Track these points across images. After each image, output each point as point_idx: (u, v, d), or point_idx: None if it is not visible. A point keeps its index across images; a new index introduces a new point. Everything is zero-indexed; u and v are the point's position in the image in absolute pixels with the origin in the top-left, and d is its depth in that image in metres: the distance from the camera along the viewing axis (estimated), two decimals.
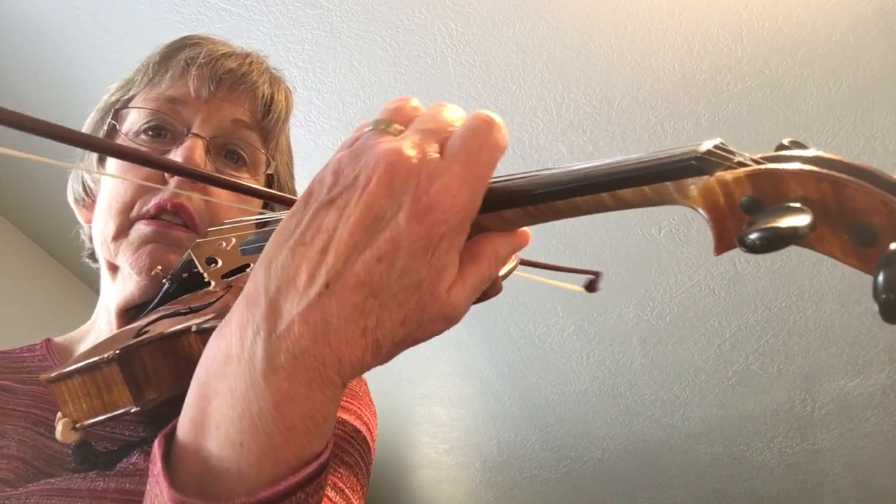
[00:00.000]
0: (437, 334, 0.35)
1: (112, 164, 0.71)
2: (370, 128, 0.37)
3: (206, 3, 1.74)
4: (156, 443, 0.34)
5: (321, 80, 1.90)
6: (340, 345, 0.31)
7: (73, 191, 0.78)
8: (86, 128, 0.76)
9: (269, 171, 0.75)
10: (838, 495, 3.39)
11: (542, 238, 2.24)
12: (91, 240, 0.76)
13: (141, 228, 0.66)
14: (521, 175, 0.38)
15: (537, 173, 0.37)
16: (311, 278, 0.32)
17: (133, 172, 0.67)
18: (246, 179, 0.72)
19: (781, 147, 0.33)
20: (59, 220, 0.81)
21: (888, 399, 2.74)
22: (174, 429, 0.35)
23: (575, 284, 0.64)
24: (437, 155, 0.34)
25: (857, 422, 2.88)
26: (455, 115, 0.37)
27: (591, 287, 0.62)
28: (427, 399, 3.06)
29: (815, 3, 1.63)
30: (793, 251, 2.16)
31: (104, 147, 0.65)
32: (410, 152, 0.33)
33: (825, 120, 1.87)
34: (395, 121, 0.37)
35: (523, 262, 0.66)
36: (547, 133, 1.97)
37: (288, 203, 0.71)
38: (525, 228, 0.39)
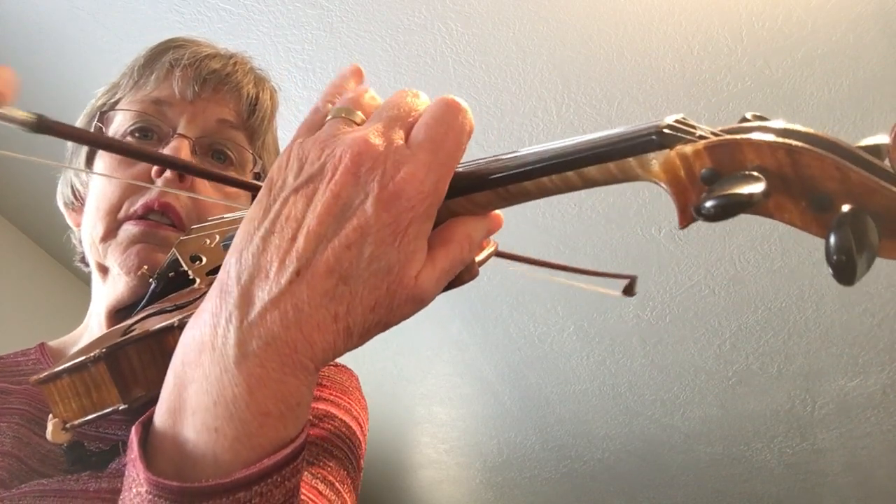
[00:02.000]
0: (406, 318, 0.35)
1: (100, 166, 0.71)
2: (331, 116, 0.38)
3: (206, 3, 1.74)
4: (133, 428, 0.35)
5: (321, 80, 1.90)
6: (312, 331, 0.32)
7: (62, 195, 0.79)
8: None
9: (257, 170, 0.76)
10: (838, 495, 3.39)
11: (542, 239, 2.24)
12: (81, 243, 0.77)
13: (129, 229, 0.66)
14: (489, 158, 0.38)
15: (504, 156, 0.37)
16: (282, 265, 0.32)
17: (120, 172, 0.68)
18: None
19: (744, 120, 0.34)
20: (59, 220, 0.81)
21: (888, 399, 2.74)
22: (151, 417, 0.35)
23: (612, 289, 0.65)
24: (403, 142, 0.34)
25: (857, 422, 2.88)
26: (419, 101, 0.37)
27: (628, 291, 0.62)
28: (427, 399, 3.06)
29: (815, 3, 1.63)
30: (793, 251, 2.17)
31: (96, 141, 0.66)
32: (376, 140, 0.34)
33: (825, 120, 1.87)
34: (357, 109, 0.38)
35: (561, 268, 0.66)
36: (547, 133, 1.97)
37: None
38: (499, 212, 0.39)
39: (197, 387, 0.32)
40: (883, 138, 0.30)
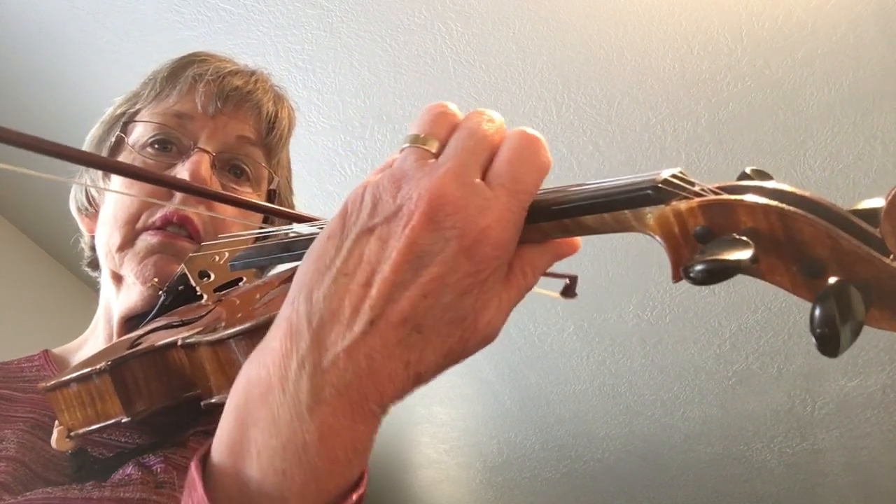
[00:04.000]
0: (472, 354, 0.35)
1: (118, 180, 0.72)
2: (406, 143, 0.36)
3: (206, 3, 1.74)
4: (192, 466, 0.34)
5: (321, 80, 1.90)
6: (383, 380, 0.32)
7: (75, 200, 0.79)
8: (90, 139, 0.77)
9: (272, 187, 0.77)
10: (838, 495, 3.39)
11: None
12: (92, 248, 0.77)
13: (147, 239, 0.67)
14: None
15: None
16: (356, 313, 0.32)
17: (138, 186, 0.68)
18: (248, 194, 0.74)
19: (743, 176, 0.34)
20: (61, 221, 0.82)
21: (888, 399, 2.74)
22: (208, 452, 0.35)
23: (551, 290, 0.64)
24: (481, 181, 0.33)
25: (857, 422, 2.87)
26: (496, 127, 0.36)
27: (567, 292, 0.62)
28: (427, 399, 3.06)
29: (815, 3, 1.63)
30: None
31: (115, 168, 0.66)
32: (454, 184, 0.32)
33: (825, 120, 1.87)
34: (433, 133, 0.36)
35: None
36: (547, 133, 1.96)
37: (288, 218, 0.72)
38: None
39: (263, 428, 0.32)
40: (878, 202, 0.29)
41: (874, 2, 1.61)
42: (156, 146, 0.71)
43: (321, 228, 0.53)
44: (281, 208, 0.74)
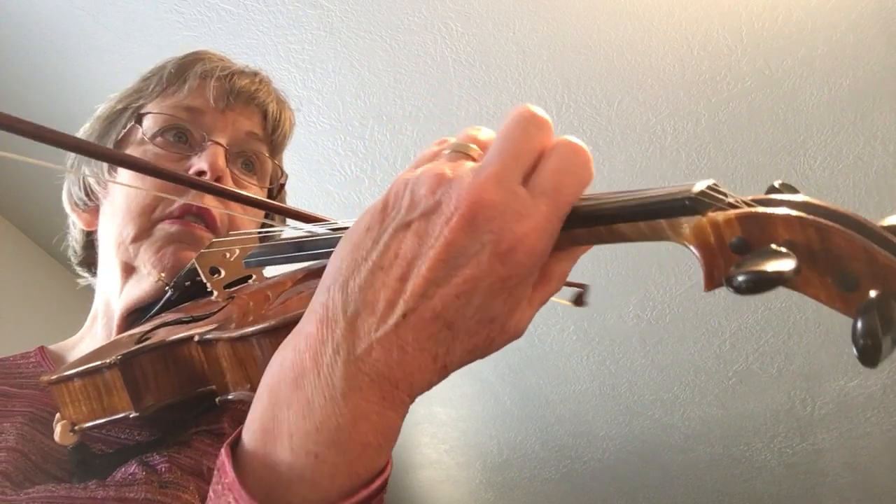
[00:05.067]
0: (497, 350, 0.36)
1: (129, 172, 0.71)
2: (448, 150, 0.37)
3: (206, 3, 1.74)
4: (223, 451, 0.35)
5: (321, 80, 1.90)
6: (413, 370, 0.33)
7: (70, 194, 0.78)
8: (91, 134, 0.77)
9: (282, 181, 0.80)
10: (838, 495, 3.39)
11: None
12: (84, 247, 0.77)
13: (165, 228, 0.68)
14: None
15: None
16: (390, 306, 0.32)
17: (152, 179, 0.68)
18: (255, 187, 0.76)
19: (772, 189, 0.34)
20: (59, 220, 0.81)
21: (888, 399, 2.74)
22: (238, 439, 0.36)
23: (564, 298, 0.64)
24: (523, 188, 0.33)
25: (857, 422, 2.87)
26: (542, 133, 0.35)
27: (578, 301, 0.62)
28: (427, 399, 3.06)
29: (815, 3, 1.63)
30: None
31: (143, 167, 0.65)
32: (494, 188, 0.32)
33: (825, 120, 1.87)
34: (472, 143, 0.37)
35: None
36: None
37: (302, 219, 0.72)
38: None
39: (297, 410, 0.33)
40: None
41: (874, 2, 1.61)
42: (168, 137, 0.73)
43: (335, 230, 0.53)
44: (293, 208, 0.75)
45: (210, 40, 1.79)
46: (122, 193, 0.71)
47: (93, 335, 0.73)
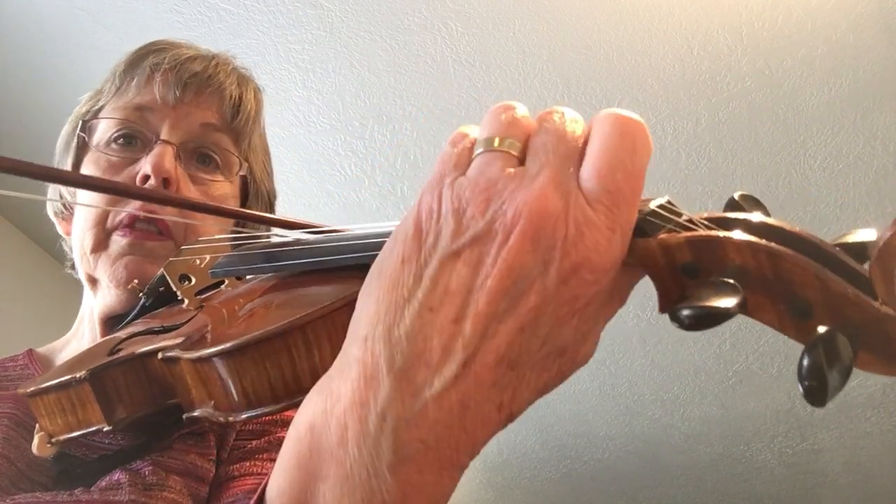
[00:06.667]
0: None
1: (87, 172, 0.71)
2: (482, 147, 0.31)
3: (206, 3, 1.74)
4: None
5: (321, 80, 1.90)
6: (476, 427, 0.28)
7: (52, 204, 0.79)
8: (61, 138, 0.76)
9: (243, 173, 0.75)
10: (838, 495, 3.39)
11: None
12: (72, 250, 0.77)
13: (118, 240, 0.66)
14: None
15: None
16: (446, 354, 0.27)
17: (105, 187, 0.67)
18: (219, 182, 0.72)
19: (732, 203, 0.33)
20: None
21: (888, 399, 2.74)
22: (261, 498, 0.31)
23: None
24: (581, 193, 0.28)
25: (857, 422, 2.87)
26: (580, 126, 0.31)
27: None
28: None
29: (815, 3, 1.63)
30: None
31: (72, 181, 0.65)
32: (555, 196, 0.28)
33: (825, 120, 1.87)
34: (511, 135, 0.31)
35: None
36: None
37: (256, 221, 0.70)
38: None
39: (333, 485, 0.28)
40: (869, 234, 0.29)
41: (874, 2, 1.61)
42: (120, 141, 0.70)
43: (314, 232, 0.52)
44: (248, 211, 0.71)
45: (210, 40, 1.79)
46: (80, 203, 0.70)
47: (79, 338, 0.73)
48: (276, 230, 0.60)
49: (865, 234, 0.29)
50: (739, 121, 1.90)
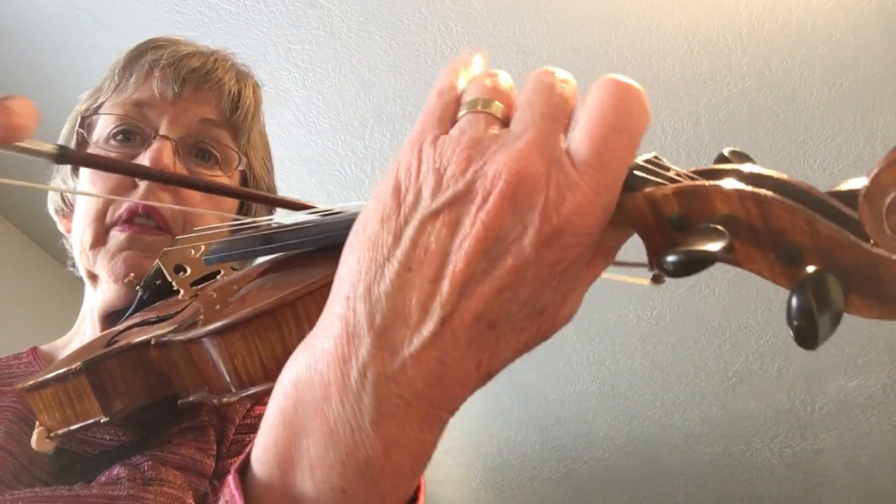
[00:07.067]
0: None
1: (85, 173, 0.72)
2: (466, 109, 0.31)
3: (206, 3, 1.74)
4: (231, 480, 0.31)
5: (321, 80, 1.90)
6: (454, 385, 0.28)
7: (52, 201, 0.79)
8: (61, 137, 0.76)
9: (242, 168, 0.75)
10: (838, 495, 3.39)
11: None
12: (71, 248, 0.77)
13: (117, 235, 0.67)
14: None
15: None
16: (424, 313, 0.28)
17: (101, 183, 0.68)
18: (219, 178, 0.72)
19: (721, 159, 0.32)
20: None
21: (888, 399, 2.74)
22: (246, 462, 0.32)
23: (640, 278, 0.63)
24: (567, 156, 0.28)
25: (857, 422, 2.87)
26: (571, 88, 0.31)
27: (658, 279, 0.61)
28: None
29: (815, 3, 1.63)
30: None
31: (75, 159, 0.65)
32: (538, 158, 0.28)
33: (825, 120, 1.87)
34: (496, 97, 0.31)
35: None
36: None
37: (256, 200, 0.70)
38: None
39: (318, 440, 0.29)
40: (860, 182, 0.28)
41: (874, 2, 1.61)
42: (118, 137, 0.70)
43: (315, 212, 0.52)
44: (248, 190, 0.72)
45: (210, 40, 1.78)
46: (82, 199, 0.71)
47: (82, 335, 0.73)
48: (274, 222, 0.60)
49: (857, 182, 0.28)
50: (739, 121, 1.90)
